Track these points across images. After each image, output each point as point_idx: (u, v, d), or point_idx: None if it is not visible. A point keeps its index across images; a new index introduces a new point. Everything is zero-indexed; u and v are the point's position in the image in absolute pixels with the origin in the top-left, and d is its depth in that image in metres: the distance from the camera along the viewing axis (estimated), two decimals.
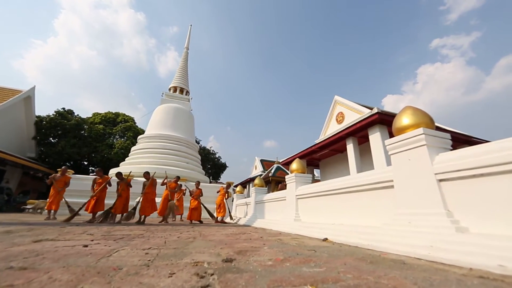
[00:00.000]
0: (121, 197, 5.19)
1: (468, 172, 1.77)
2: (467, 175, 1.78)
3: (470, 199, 1.78)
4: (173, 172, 15.31)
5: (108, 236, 2.78)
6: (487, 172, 1.67)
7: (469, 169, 1.76)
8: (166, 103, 19.44)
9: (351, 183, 3.00)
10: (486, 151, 1.70)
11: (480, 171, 1.70)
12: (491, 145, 1.72)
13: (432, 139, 2.16)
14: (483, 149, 1.75)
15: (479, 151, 1.75)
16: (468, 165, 1.76)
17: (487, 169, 1.66)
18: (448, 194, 1.93)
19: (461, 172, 1.82)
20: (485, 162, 1.66)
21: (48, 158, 19.58)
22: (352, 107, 13.49)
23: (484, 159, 1.67)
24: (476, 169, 1.72)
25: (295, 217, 4.19)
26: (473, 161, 1.74)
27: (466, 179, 1.81)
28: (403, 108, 2.54)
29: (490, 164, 1.64)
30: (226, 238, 2.85)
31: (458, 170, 1.83)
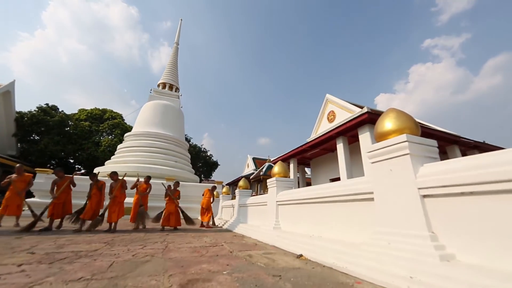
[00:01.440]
0: (91, 200, 4.76)
1: (456, 189, 1.50)
2: (455, 192, 1.51)
3: (458, 220, 1.51)
4: (161, 171, 14.87)
5: (51, 254, 2.42)
6: (478, 191, 1.40)
7: (458, 185, 1.49)
8: (154, 99, 18.84)
9: (330, 192, 2.72)
10: (477, 165, 1.43)
11: (470, 188, 1.42)
12: (484, 157, 1.45)
13: (416, 148, 1.88)
14: (473, 162, 1.48)
15: (470, 164, 1.48)
16: (456, 180, 1.49)
17: (478, 187, 1.38)
18: (433, 212, 1.66)
19: (448, 189, 1.54)
20: (476, 178, 1.39)
21: (30, 156, 18.75)
22: (343, 106, 13.30)
23: (474, 175, 1.40)
24: (466, 186, 1.44)
25: (275, 224, 3.91)
26: (462, 176, 1.47)
27: (454, 197, 1.54)
28: (386, 110, 2.26)
29: (482, 182, 1.36)
30: (190, 256, 2.53)
31: (445, 186, 1.56)
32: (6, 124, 18.63)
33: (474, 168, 1.42)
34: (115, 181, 4.96)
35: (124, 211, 6.19)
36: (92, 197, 4.82)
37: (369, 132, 9.26)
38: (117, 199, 4.75)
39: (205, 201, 6.67)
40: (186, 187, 14.26)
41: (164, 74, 20.80)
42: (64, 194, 4.83)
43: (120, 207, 4.75)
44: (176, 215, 5.21)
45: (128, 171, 14.52)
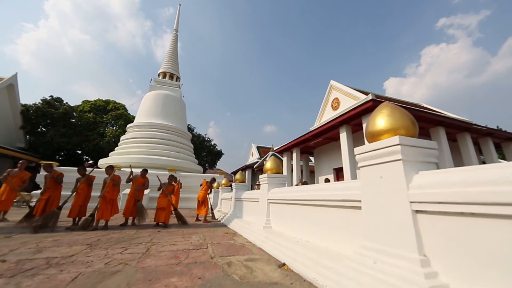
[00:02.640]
0: (78, 196, 4.65)
1: (454, 208, 1.22)
2: (453, 211, 1.23)
3: (456, 245, 1.25)
4: (164, 162, 14.92)
5: (21, 263, 2.32)
6: (480, 213, 1.12)
7: (456, 203, 1.21)
8: (155, 89, 18.61)
9: (318, 195, 2.47)
10: (481, 180, 1.13)
11: (471, 208, 1.15)
12: (490, 170, 1.15)
13: (411, 151, 1.59)
14: (477, 174, 1.18)
15: (472, 178, 1.18)
16: (456, 197, 1.21)
17: (481, 208, 1.10)
18: (426, 232, 1.39)
19: (445, 206, 1.27)
20: (478, 197, 1.10)
21: (38, 148, 19.18)
22: (347, 93, 12.70)
23: (476, 193, 1.11)
24: (465, 205, 1.16)
25: (265, 223, 3.73)
26: (461, 193, 1.18)
27: (451, 216, 1.26)
28: (379, 106, 1.94)
29: (486, 202, 1.08)
30: (165, 264, 2.39)
31: (441, 203, 1.28)
32: (13, 117, 18.96)
33: (478, 184, 1.13)
34: (109, 175, 4.79)
35: None
36: (79, 193, 4.70)
37: None
38: (109, 195, 4.59)
39: (201, 194, 6.53)
40: (189, 177, 14.35)
41: (164, 63, 20.37)
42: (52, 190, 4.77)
43: (113, 204, 4.60)
44: (166, 211, 5.06)
45: (131, 162, 14.67)
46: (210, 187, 7.07)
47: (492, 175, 1.11)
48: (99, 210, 4.44)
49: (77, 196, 4.68)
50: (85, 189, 4.79)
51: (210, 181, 7.11)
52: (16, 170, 5.81)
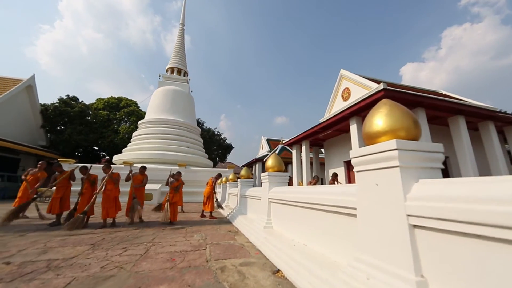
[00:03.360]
0: (84, 196, 4.76)
1: (456, 226, 1.05)
2: (455, 230, 1.06)
3: (457, 267, 1.08)
4: (174, 157, 15.20)
5: (24, 265, 2.40)
6: (487, 236, 0.94)
7: (458, 221, 1.04)
8: (164, 85, 18.78)
9: (314, 198, 2.33)
10: (489, 197, 0.95)
11: (476, 229, 0.97)
12: (501, 185, 0.96)
13: (411, 157, 1.40)
14: (485, 189, 0.99)
15: (479, 192, 1.00)
16: (457, 214, 1.04)
17: (488, 231, 0.93)
18: (424, 249, 1.23)
19: (445, 223, 1.10)
20: (485, 218, 0.93)
21: (58, 145, 20.19)
22: (359, 82, 12.13)
23: (483, 212, 0.94)
24: (470, 225, 0.99)
25: (266, 223, 3.65)
26: (465, 211, 1.01)
27: (453, 235, 1.10)
28: (377, 104, 1.74)
29: (494, 224, 0.91)
30: (159, 268, 2.38)
31: (442, 220, 1.11)
32: (34, 117, 20.00)
33: (485, 201, 0.95)
34: (107, 174, 4.84)
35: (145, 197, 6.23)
36: (84, 193, 4.81)
37: None
38: (110, 194, 4.66)
39: (206, 190, 6.58)
40: (198, 172, 14.57)
41: (171, 58, 20.42)
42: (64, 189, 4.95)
43: (115, 202, 4.66)
44: (173, 208, 5.10)
45: (143, 158, 15.08)
46: (215, 184, 7.08)
47: (504, 191, 0.93)
48: (104, 209, 4.56)
49: (82, 196, 4.79)
50: (89, 189, 4.91)
51: (216, 176, 7.11)
52: (35, 169, 6.11)
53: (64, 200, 4.97)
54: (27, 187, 5.74)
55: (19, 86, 17.79)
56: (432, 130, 11.10)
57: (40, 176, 6.06)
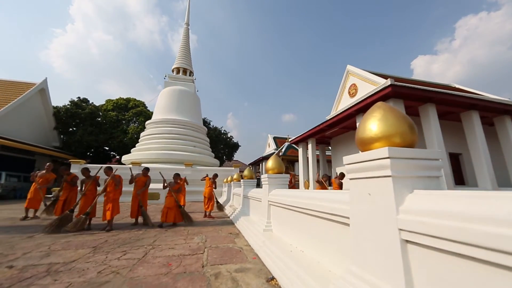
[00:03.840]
0: (87, 197, 4.77)
1: (450, 246, 0.96)
2: (449, 250, 0.97)
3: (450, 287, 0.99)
4: (181, 157, 15.37)
5: (25, 269, 2.46)
6: (484, 260, 0.85)
7: (452, 241, 0.94)
8: (170, 85, 18.98)
9: (310, 204, 2.26)
10: (487, 216, 0.85)
11: (472, 251, 0.88)
12: (502, 202, 0.86)
13: (405, 166, 1.31)
14: (483, 206, 0.90)
15: (476, 210, 0.90)
16: (451, 233, 0.94)
17: (486, 254, 0.84)
18: (417, 267, 1.14)
19: (438, 241, 1.01)
20: (482, 240, 0.84)
21: (70, 146, 20.86)
22: (366, 78, 11.80)
23: (480, 234, 0.84)
24: (465, 246, 0.90)
25: (266, 226, 3.60)
26: (460, 230, 0.91)
27: (447, 255, 1.00)
28: (372, 107, 1.64)
29: (492, 248, 0.81)
30: (154, 274, 2.39)
31: (434, 237, 1.02)
32: (47, 119, 20.72)
33: (484, 220, 0.86)
34: (109, 176, 4.81)
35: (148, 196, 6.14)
36: (87, 194, 4.83)
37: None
38: (111, 196, 4.66)
39: (206, 191, 6.63)
40: (204, 171, 14.66)
41: (177, 58, 20.57)
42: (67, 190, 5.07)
43: (114, 204, 4.64)
44: (175, 210, 5.11)
45: (150, 158, 15.33)
46: (214, 183, 7.07)
47: (503, 211, 0.83)
48: (103, 211, 4.61)
49: (86, 197, 4.83)
50: (93, 191, 4.99)
51: (213, 176, 7.14)
52: (43, 172, 6.31)
53: (68, 202, 5.09)
54: (37, 188, 5.95)
55: (32, 89, 18.43)
56: (443, 126, 10.67)
57: (49, 177, 6.26)
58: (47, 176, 6.23)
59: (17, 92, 17.83)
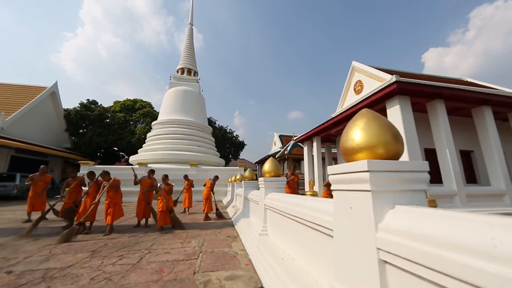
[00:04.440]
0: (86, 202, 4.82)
1: (426, 273, 0.88)
2: (425, 277, 0.89)
3: None
4: (186, 157, 15.52)
5: (22, 275, 2.53)
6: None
7: (427, 267, 0.87)
8: (175, 86, 19.15)
9: (297, 212, 2.20)
10: (456, 242, 0.78)
11: (447, 282, 0.80)
12: (473, 226, 0.78)
13: (385, 179, 1.23)
14: (454, 229, 0.82)
15: (447, 234, 0.82)
16: (424, 259, 0.87)
17: (457, 286, 0.76)
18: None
19: (412, 266, 0.93)
20: (452, 269, 0.76)
21: (81, 147, 21.47)
22: (371, 74, 11.48)
23: (449, 262, 0.77)
24: (439, 274, 0.82)
25: (262, 230, 3.56)
26: (432, 256, 0.84)
27: (425, 282, 0.93)
28: (356, 114, 1.55)
29: (463, 280, 0.74)
30: (145, 281, 2.39)
31: (409, 261, 0.95)
32: (58, 121, 21.40)
33: (454, 247, 0.78)
34: (107, 181, 4.88)
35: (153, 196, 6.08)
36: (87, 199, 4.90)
37: (399, 105, 7.80)
38: (113, 200, 4.73)
39: (204, 192, 6.66)
40: (209, 171, 14.75)
41: (181, 59, 20.71)
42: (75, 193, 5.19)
43: (115, 209, 4.67)
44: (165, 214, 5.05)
45: (156, 158, 15.55)
46: (213, 185, 7.07)
47: (479, 239, 0.75)
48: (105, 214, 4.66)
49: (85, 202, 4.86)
50: (93, 195, 5.06)
51: (213, 179, 7.15)
52: (37, 174, 6.29)
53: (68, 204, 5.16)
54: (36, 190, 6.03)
55: (44, 93, 19.04)
56: (454, 122, 10.26)
57: (46, 179, 6.34)
58: (44, 178, 6.28)
59: (29, 96, 18.46)
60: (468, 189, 7.55)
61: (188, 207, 7.61)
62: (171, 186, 5.59)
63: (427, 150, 9.70)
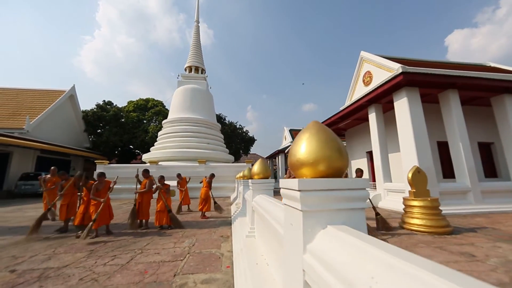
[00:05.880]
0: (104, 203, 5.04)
1: None
2: None
3: None
4: (195, 154, 15.86)
5: (22, 275, 2.77)
6: None
7: None
8: (183, 84, 19.47)
9: (264, 217, 2.19)
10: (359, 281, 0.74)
11: None
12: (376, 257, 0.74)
13: (318, 199, 1.18)
14: (363, 263, 0.78)
15: (354, 266, 0.79)
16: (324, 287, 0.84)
17: None
18: None
19: None
20: None
21: (99, 147, 22.68)
22: (381, 64, 10.92)
23: None
24: None
25: (249, 232, 3.59)
26: (328, 284, 0.81)
27: None
28: (307, 125, 1.50)
29: None
30: (127, 282, 2.53)
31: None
32: (78, 122, 22.71)
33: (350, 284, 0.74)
34: (101, 183, 4.88)
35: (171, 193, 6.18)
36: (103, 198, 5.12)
37: (406, 98, 7.40)
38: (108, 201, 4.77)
39: (202, 191, 6.78)
40: (217, 168, 15.00)
41: (189, 57, 20.93)
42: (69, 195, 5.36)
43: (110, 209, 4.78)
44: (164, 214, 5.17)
45: (167, 156, 16.03)
46: (209, 184, 7.18)
47: (358, 274, 0.71)
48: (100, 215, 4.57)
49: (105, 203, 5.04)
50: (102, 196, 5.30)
51: (209, 177, 7.26)
52: (49, 176, 6.61)
53: (70, 206, 5.36)
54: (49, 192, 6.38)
55: (63, 96, 20.21)
56: (472, 112, 9.57)
57: (56, 180, 6.69)
58: (54, 180, 6.57)
59: (50, 99, 19.70)
60: (483, 184, 7.07)
61: (187, 204, 7.94)
62: (168, 186, 5.76)
63: (440, 143, 9.16)
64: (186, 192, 8.17)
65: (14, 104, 18.85)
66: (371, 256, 0.77)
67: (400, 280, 0.62)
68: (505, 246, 3.47)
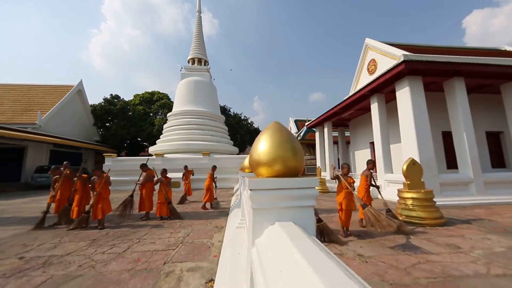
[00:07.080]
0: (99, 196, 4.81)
1: None
2: None
3: None
4: (199, 146, 16.12)
5: (29, 261, 3.03)
6: None
7: None
8: (186, 77, 19.49)
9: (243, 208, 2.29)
10: None
11: None
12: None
13: (268, 197, 1.25)
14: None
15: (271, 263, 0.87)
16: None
17: None
18: None
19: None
20: None
21: (108, 140, 23.36)
22: (386, 52, 10.56)
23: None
24: None
25: (239, 223, 3.72)
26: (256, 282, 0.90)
27: None
28: (268, 125, 1.56)
29: None
30: (119, 270, 2.73)
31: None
32: (87, 116, 23.36)
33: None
34: (98, 177, 5.00)
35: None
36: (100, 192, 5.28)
37: (409, 87, 7.20)
38: (101, 195, 4.88)
39: (205, 183, 6.99)
40: (221, 159, 15.23)
41: (192, 49, 20.80)
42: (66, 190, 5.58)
43: (104, 203, 4.83)
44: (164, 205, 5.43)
45: (172, 149, 16.37)
46: (212, 175, 7.34)
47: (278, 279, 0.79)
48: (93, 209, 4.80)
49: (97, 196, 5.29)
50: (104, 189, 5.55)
51: (212, 169, 7.47)
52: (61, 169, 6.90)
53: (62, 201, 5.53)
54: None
55: (71, 91, 20.74)
56: (480, 100, 9.21)
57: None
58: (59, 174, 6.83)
59: (59, 94, 20.27)
60: (487, 175, 6.90)
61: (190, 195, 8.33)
62: (170, 178, 5.99)
63: (445, 133, 8.91)
64: (189, 184, 8.59)
65: (26, 100, 19.55)
66: (288, 252, 0.85)
67: (293, 276, 0.69)
68: (495, 238, 3.47)
